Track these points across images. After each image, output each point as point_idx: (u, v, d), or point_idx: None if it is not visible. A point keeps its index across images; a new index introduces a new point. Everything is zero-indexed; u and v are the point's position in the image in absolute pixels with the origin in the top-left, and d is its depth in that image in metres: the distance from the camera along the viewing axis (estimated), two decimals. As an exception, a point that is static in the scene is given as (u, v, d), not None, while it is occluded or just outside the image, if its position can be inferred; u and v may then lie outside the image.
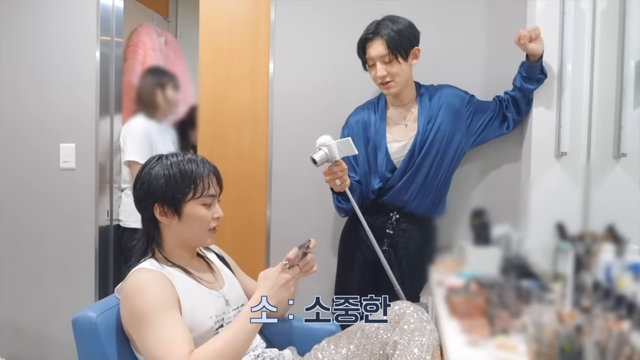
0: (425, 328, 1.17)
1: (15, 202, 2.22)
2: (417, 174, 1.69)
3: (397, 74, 1.63)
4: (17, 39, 2.21)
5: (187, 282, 1.20)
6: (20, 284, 2.24)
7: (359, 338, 1.25)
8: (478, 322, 1.13)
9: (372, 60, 1.66)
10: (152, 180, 1.20)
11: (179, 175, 1.20)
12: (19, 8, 2.20)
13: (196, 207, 1.22)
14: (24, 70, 2.21)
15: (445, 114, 1.69)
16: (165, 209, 1.20)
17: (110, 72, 2.17)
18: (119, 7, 2.19)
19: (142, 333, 1.09)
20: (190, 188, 1.21)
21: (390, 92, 1.68)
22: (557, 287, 1.05)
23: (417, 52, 1.67)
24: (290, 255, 1.20)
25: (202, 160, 1.26)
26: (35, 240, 2.21)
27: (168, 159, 1.23)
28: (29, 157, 2.20)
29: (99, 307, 1.17)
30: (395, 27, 1.62)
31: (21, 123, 2.20)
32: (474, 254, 1.42)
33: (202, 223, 1.23)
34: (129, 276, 1.17)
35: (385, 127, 1.73)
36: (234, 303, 1.28)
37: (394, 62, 1.62)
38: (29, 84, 2.20)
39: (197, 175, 1.22)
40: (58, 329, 2.18)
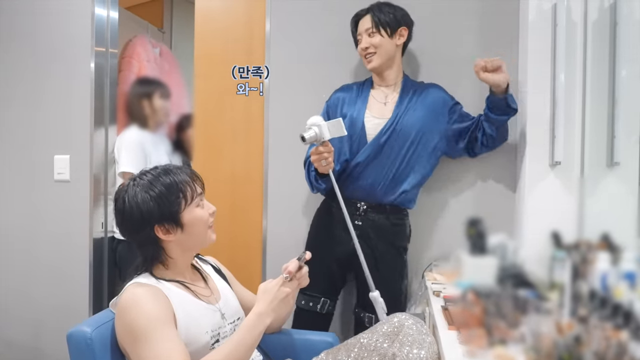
0: (425, 340, 1.17)
1: (8, 213, 2.21)
2: (383, 158, 1.69)
3: (379, 46, 1.70)
4: (12, 50, 2.21)
5: (183, 296, 1.19)
6: (13, 296, 2.22)
7: (357, 350, 1.24)
8: (476, 332, 1.13)
9: (360, 36, 1.74)
10: (142, 207, 1.18)
11: (165, 191, 1.19)
12: (14, 19, 2.21)
13: (193, 211, 1.22)
14: (18, 81, 2.21)
15: (422, 110, 1.72)
16: (167, 226, 1.20)
17: (105, 83, 2.17)
18: (114, 18, 2.20)
19: (138, 348, 1.07)
20: (180, 197, 1.20)
21: (371, 65, 1.73)
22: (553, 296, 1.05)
23: (403, 32, 1.73)
24: (292, 268, 1.20)
25: (175, 167, 1.25)
26: (28, 252, 2.20)
27: (142, 179, 1.21)
28: (23, 168, 2.19)
29: (94, 322, 1.16)
30: (386, 7, 1.72)
31: (15, 134, 2.20)
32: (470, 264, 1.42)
33: (203, 224, 1.23)
34: (124, 290, 1.16)
35: (366, 103, 1.77)
36: (230, 317, 1.27)
37: (377, 35, 1.70)
38: (23, 95, 2.20)
39: (181, 182, 1.21)
40: (51, 342, 2.16)
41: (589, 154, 1.59)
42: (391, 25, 1.70)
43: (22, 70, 2.20)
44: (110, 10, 2.17)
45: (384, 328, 1.24)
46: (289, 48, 2.02)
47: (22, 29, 2.20)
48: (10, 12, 2.20)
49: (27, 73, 2.19)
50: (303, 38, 1.99)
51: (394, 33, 1.71)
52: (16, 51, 2.20)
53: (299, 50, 1.98)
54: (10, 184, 2.20)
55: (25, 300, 2.20)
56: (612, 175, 1.51)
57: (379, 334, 1.23)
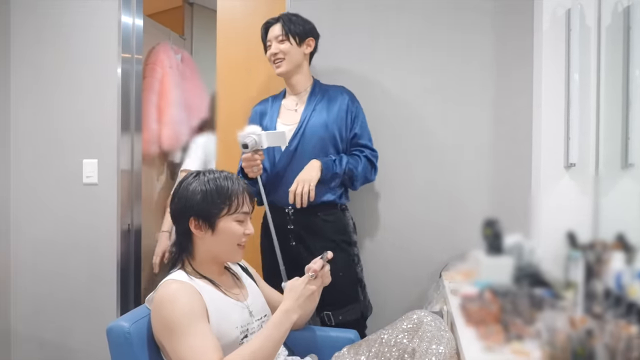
0: (443, 337, 1.21)
1: (39, 216, 2.28)
2: (298, 162, 1.76)
3: (288, 53, 1.80)
4: (42, 58, 2.28)
5: (214, 294, 1.26)
6: (44, 297, 2.29)
7: (377, 346, 1.30)
8: (493, 328, 1.17)
9: (269, 42, 1.84)
10: (190, 196, 1.27)
11: (215, 192, 1.26)
12: (45, 26, 2.27)
13: (230, 222, 1.28)
14: (48, 88, 2.27)
15: (328, 112, 1.80)
16: (201, 222, 1.27)
17: (131, 88, 2.23)
18: (139, 26, 2.27)
19: (173, 342, 1.14)
20: (226, 204, 1.27)
21: (279, 70, 1.83)
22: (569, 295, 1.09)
23: (311, 42, 1.85)
24: (316, 267, 1.25)
25: (236, 178, 1.32)
26: (58, 253, 2.26)
27: (205, 175, 1.30)
28: (53, 172, 2.26)
29: (131, 317, 1.23)
30: (294, 17, 1.83)
31: (45, 140, 2.27)
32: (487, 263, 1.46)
33: (234, 238, 1.29)
34: (159, 287, 1.23)
35: (277, 113, 1.87)
36: (257, 313, 1.33)
37: (286, 42, 1.80)
38: (52, 102, 2.26)
39: (233, 192, 1.28)
40: (81, 340, 2.24)
41: (604, 156, 1.62)
42: (300, 34, 1.81)
43: (52, 76, 2.27)
44: (135, 18, 2.25)
45: (403, 324, 1.29)
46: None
47: (53, 36, 2.26)
48: (41, 20, 2.27)
49: (58, 79, 2.26)
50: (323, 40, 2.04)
51: (302, 42, 1.82)
52: (46, 58, 2.27)
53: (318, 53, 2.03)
54: (42, 186, 2.27)
55: (56, 299, 2.27)
56: (627, 177, 1.53)
57: (399, 330, 1.28)
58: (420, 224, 1.98)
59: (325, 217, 1.77)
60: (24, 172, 2.30)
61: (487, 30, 1.91)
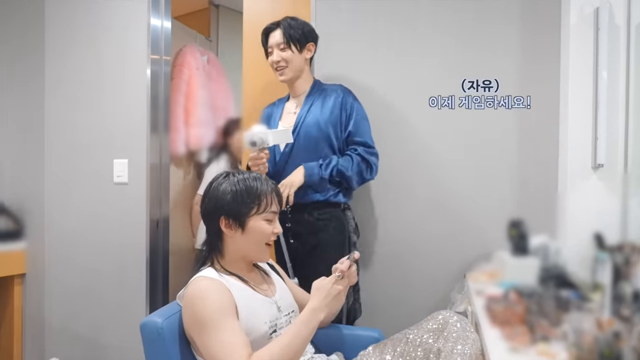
0: (468, 337, 1.22)
1: (72, 214, 2.36)
2: (294, 163, 1.80)
3: (290, 61, 1.84)
4: (74, 60, 2.34)
5: (243, 290, 1.29)
6: (76, 291, 2.36)
7: (403, 345, 1.31)
8: (519, 329, 1.17)
9: (270, 48, 1.87)
10: (220, 195, 1.31)
11: (244, 192, 1.30)
12: (77, 28, 2.34)
13: (259, 221, 1.32)
14: (80, 90, 2.33)
15: (322, 111, 1.82)
16: (231, 222, 1.30)
17: (159, 90, 2.28)
18: (167, 28, 2.31)
19: (204, 337, 1.18)
20: (255, 204, 1.30)
21: (282, 77, 1.87)
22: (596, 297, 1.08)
23: (311, 47, 1.89)
24: (343, 267, 1.28)
25: (265, 179, 1.36)
26: (90, 250, 2.33)
27: (235, 176, 1.34)
28: (85, 172, 2.33)
29: (163, 313, 1.27)
30: (295, 23, 1.84)
31: (78, 140, 2.34)
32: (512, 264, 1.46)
33: (263, 237, 1.33)
34: (190, 284, 1.27)
35: (280, 116, 1.92)
36: (285, 309, 1.37)
37: (288, 50, 1.83)
38: (84, 103, 2.33)
39: (262, 192, 1.31)
40: (110, 334, 2.30)
41: (632, 156, 1.60)
42: (300, 41, 1.84)
43: (84, 78, 2.33)
44: (164, 20, 2.30)
45: (429, 324, 1.30)
46: (335, 51, 2.08)
47: (85, 39, 2.33)
48: (73, 22, 2.34)
49: (90, 81, 2.32)
50: (348, 41, 2.06)
51: (303, 48, 1.86)
52: (79, 60, 2.33)
53: (344, 53, 2.05)
54: (74, 185, 2.34)
55: (87, 294, 2.34)
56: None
57: (424, 330, 1.30)
58: (443, 224, 1.98)
59: (320, 216, 1.80)
60: (57, 172, 2.38)
61: (512, 28, 1.90)
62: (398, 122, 2.00)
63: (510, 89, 1.90)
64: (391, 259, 2.00)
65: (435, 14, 1.97)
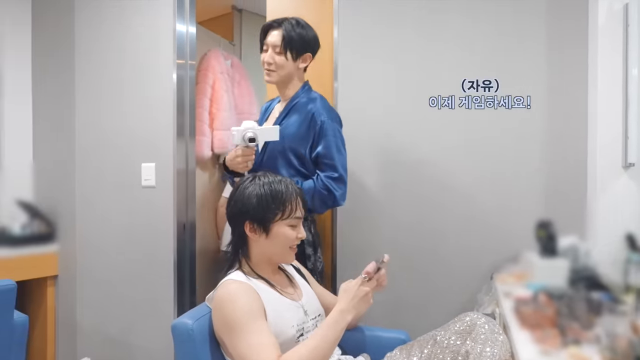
0: (497, 339, 1.21)
1: (102, 217, 2.41)
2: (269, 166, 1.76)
3: (281, 67, 1.78)
4: (103, 67, 2.39)
5: (271, 293, 1.31)
6: (106, 292, 2.41)
7: (430, 347, 1.31)
8: (549, 332, 1.16)
9: (266, 46, 1.81)
10: (245, 199, 1.32)
11: (270, 196, 1.31)
12: (105, 34, 2.39)
13: (283, 227, 1.33)
14: (108, 95, 2.39)
15: (294, 121, 1.78)
16: (255, 226, 1.32)
17: (185, 94, 2.31)
18: (192, 33, 2.34)
19: (234, 339, 1.20)
20: (280, 209, 1.31)
21: (268, 79, 1.82)
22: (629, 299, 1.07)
23: (307, 57, 1.83)
24: (370, 269, 1.28)
25: (290, 182, 1.37)
26: (119, 252, 2.38)
27: (260, 179, 1.35)
28: (114, 176, 2.38)
29: (193, 315, 1.29)
30: (298, 29, 1.78)
31: (107, 145, 2.39)
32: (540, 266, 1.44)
33: (286, 242, 1.34)
34: (219, 286, 1.29)
35: (266, 118, 1.91)
36: (312, 313, 1.38)
37: (282, 55, 1.77)
38: (113, 108, 2.38)
39: (287, 197, 1.32)
40: (140, 335, 2.34)
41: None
42: (298, 50, 1.78)
43: (112, 82, 2.38)
44: (189, 25, 2.33)
45: (456, 326, 1.30)
46: (356, 53, 2.09)
47: (113, 44, 2.38)
48: (102, 27, 2.40)
49: (117, 85, 2.37)
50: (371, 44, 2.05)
51: (298, 57, 1.80)
52: (107, 66, 2.38)
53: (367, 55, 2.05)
54: (104, 189, 2.40)
55: (117, 294, 2.39)
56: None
57: (451, 332, 1.29)
58: (469, 224, 1.97)
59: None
60: (88, 176, 2.44)
61: (539, 24, 1.87)
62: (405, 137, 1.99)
63: (537, 89, 1.88)
64: (416, 260, 1.99)
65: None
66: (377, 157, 2.03)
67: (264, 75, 1.83)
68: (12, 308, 1.79)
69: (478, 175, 1.96)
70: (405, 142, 2.00)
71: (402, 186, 2.03)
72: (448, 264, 1.99)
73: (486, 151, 1.95)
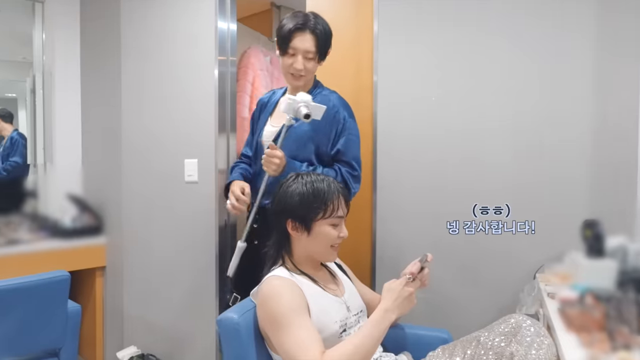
0: (543, 342, 1.19)
1: (147, 212, 2.49)
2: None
3: (310, 71, 1.76)
4: (145, 64, 2.47)
5: (314, 289, 1.33)
6: (151, 283, 2.50)
7: (473, 348, 1.30)
8: (597, 336, 1.14)
9: (294, 51, 1.72)
10: (288, 198, 1.35)
11: (312, 195, 1.33)
12: (149, 32, 2.46)
13: (324, 226, 1.35)
14: (151, 93, 2.46)
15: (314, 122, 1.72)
16: (297, 224, 1.35)
17: (226, 90, 2.34)
18: (233, 30, 2.37)
19: (278, 335, 1.22)
20: (321, 208, 1.33)
21: (297, 83, 1.78)
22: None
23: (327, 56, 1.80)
24: (414, 269, 1.29)
25: (332, 181, 1.38)
26: (164, 245, 2.46)
27: (303, 177, 1.37)
28: (158, 171, 2.45)
29: (238, 309, 1.33)
30: (326, 27, 1.73)
31: (151, 142, 2.46)
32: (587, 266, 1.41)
33: (328, 241, 1.36)
34: (263, 282, 1.32)
35: (270, 112, 1.85)
36: (354, 309, 1.39)
37: (313, 60, 1.73)
38: (157, 102, 2.45)
39: (328, 196, 1.34)
40: (183, 325, 2.42)
41: None
42: (327, 53, 1.77)
43: (156, 80, 2.44)
44: (229, 22, 2.37)
45: (500, 327, 1.29)
46: (397, 48, 2.07)
47: (157, 42, 2.44)
48: (146, 27, 2.47)
49: (161, 82, 2.43)
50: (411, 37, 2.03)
51: (324, 59, 1.79)
52: (151, 63, 2.45)
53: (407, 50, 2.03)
54: (149, 184, 2.48)
55: (161, 286, 2.47)
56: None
57: (496, 333, 1.28)
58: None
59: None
60: (133, 171, 2.52)
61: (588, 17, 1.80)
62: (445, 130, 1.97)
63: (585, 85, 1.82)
64: (457, 258, 1.98)
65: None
66: (416, 153, 2.01)
67: (291, 80, 1.78)
68: (66, 297, 1.89)
69: (522, 173, 1.92)
70: (447, 139, 1.98)
71: (441, 183, 2.01)
72: (489, 262, 1.96)
73: (531, 147, 1.90)
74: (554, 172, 1.86)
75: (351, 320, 1.35)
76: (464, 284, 1.97)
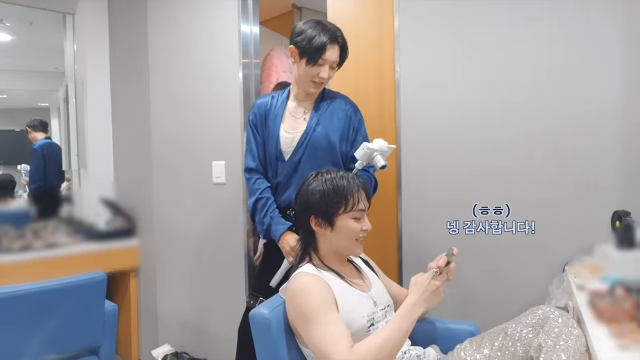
0: (571, 333, 1.19)
1: (176, 213, 2.56)
2: (301, 172, 1.75)
3: (330, 79, 1.80)
4: (172, 69, 2.54)
5: (341, 285, 1.36)
6: (183, 283, 2.57)
7: (501, 340, 1.31)
8: (627, 327, 1.13)
9: (324, 62, 1.76)
10: (309, 196, 1.39)
11: (332, 192, 1.37)
12: (173, 38, 2.54)
13: (347, 220, 1.38)
14: (179, 97, 2.53)
15: (333, 122, 1.80)
16: (320, 220, 1.38)
17: (251, 92, 2.38)
18: (256, 33, 2.41)
19: (308, 329, 1.26)
20: (342, 203, 1.36)
21: (316, 91, 1.82)
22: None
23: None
24: (441, 263, 1.30)
25: (352, 177, 1.41)
26: (193, 246, 2.52)
27: (323, 175, 1.41)
28: (187, 174, 2.52)
29: (269, 305, 1.37)
30: (344, 39, 1.79)
31: (180, 145, 2.54)
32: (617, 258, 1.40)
33: (352, 234, 1.39)
34: (292, 279, 1.36)
35: (281, 118, 1.84)
36: (381, 304, 1.42)
37: (334, 69, 1.80)
38: (183, 109, 2.51)
39: (348, 191, 1.37)
40: (215, 323, 2.48)
41: None
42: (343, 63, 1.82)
43: (182, 84, 2.51)
44: (252, 25, 2.41)
45: (528, 319, 1.29)
46: (418, 47, 2.06)
47: (183, 46, 2.51)
48: (171, 35, 2.54)
49: (187, 86, 2.50)
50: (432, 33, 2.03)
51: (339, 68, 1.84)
52: (178, 67, 2.52)
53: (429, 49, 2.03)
54: (178, 187, 2.55)
55: (192, 285, 2.53)
56: None
57: (523, 325, 1.28)
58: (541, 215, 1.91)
59: None
60: (163, 174, 2.60)
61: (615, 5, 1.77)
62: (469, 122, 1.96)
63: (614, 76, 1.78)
64: (485, 251, 1.97)
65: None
66: (439, 148, 2.01)
67: (312, 87, 1.80)
68: (103, 297, 1.96)
69: (551, 164, 1.89)
70: (470, 134, 1.97)
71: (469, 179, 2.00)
72: (517, 254, 1.95)
73: (560, 138, 1.86)
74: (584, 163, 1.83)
75: (378, 315, 1.38)
76: (493, 278, 1.96)
